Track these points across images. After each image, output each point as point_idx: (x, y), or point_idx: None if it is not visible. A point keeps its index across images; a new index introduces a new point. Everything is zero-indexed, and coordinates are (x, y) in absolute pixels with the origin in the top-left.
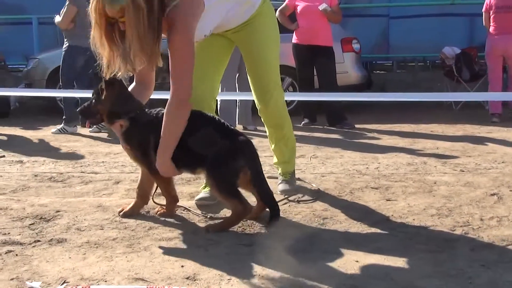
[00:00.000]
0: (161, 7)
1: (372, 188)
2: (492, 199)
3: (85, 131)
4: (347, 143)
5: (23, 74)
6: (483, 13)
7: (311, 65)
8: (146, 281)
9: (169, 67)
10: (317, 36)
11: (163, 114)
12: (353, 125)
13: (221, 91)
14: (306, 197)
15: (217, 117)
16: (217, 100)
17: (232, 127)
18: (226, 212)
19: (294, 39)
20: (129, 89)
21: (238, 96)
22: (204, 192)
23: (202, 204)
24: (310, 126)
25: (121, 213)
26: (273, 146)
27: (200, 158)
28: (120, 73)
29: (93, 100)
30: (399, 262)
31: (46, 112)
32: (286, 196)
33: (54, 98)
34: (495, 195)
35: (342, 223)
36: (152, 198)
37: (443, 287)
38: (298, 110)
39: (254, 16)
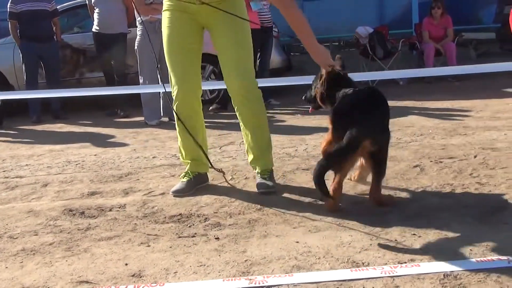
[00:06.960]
0: None
1: (303, 169)
2: (415, 171)
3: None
4: (274, 127)
5: None
6: None
7: (256, 50)
8: (91, 283)
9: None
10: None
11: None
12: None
13: (143, 83)
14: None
15: None
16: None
17: None
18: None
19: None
20: None
21: (161, 88)
22: (181, 183)
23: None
24: (218, 113)
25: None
26: (249, 136)
27: None
28: None
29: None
30: (337, 238)
31: None
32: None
33: None
34: (417, 167)
35: (279, 205)
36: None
37: (381, 258)
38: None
39: None
